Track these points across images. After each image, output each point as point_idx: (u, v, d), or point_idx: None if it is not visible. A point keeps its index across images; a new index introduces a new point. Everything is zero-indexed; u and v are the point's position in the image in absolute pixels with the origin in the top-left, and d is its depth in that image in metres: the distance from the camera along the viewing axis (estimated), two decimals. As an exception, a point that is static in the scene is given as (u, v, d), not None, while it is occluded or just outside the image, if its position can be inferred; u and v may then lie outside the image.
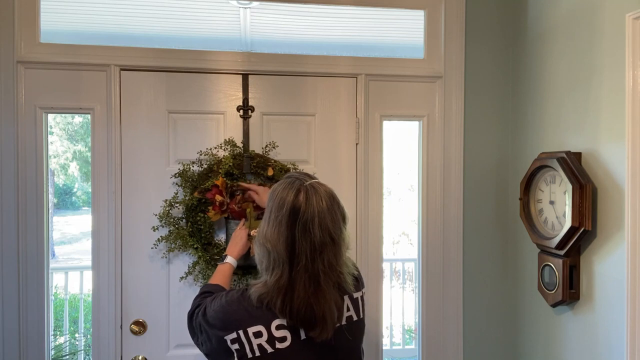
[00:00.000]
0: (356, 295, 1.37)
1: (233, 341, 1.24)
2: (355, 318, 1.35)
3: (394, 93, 2.10)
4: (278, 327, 1.23)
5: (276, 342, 1.23)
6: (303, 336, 1.25)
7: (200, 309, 1.35)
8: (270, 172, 1.89)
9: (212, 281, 1.55)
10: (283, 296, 1.21)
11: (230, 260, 1.62)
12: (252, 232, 1.68)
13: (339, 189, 1.97)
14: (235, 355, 1.24)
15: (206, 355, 1.34)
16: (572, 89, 1.75)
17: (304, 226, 1.21)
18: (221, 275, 1.57)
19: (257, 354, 1.22)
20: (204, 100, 1.98)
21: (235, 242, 1.69)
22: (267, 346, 1.23)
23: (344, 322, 1.31)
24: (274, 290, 1.22)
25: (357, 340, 1.37)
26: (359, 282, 1.39)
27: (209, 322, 1.29)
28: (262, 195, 1.77)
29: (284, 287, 1.21)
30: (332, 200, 1.27)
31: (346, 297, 1.33)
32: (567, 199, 1.64)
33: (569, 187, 1.62)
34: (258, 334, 1.23)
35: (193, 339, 1.38)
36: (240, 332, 1.23)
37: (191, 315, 1.39)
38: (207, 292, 1.43)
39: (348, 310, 1.33)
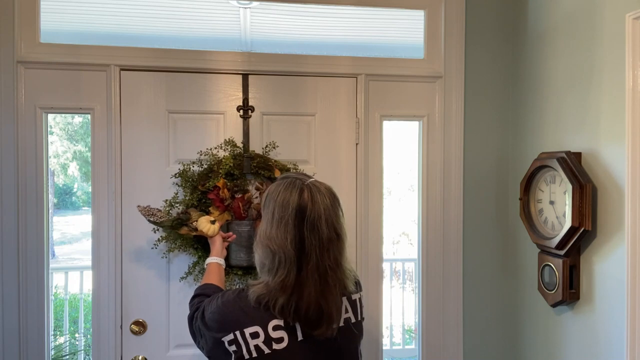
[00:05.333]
0: (354, 297, 1.37)
1: (230, 342, 1.24)
2: (353, 320, 1.35)
3: (394, 93, 2.10)
4: (275, 328, 1.23)
5: (273, 343, 1.23)
6: (300, 337, 1.25)
7: (199, 312, 1.35)
8: (277, 174, 1.88)
9: (204, 281, 1.57)
10: (289, 296, 1.21)
11: (212, 259, 1.64)
12: (198, 230, 1.72)
13: (339, 189, 1.95)
14: (232, 356, 1.24)
15: (208, 357, 1.35)
16: (572, 89, 1.75)
17: (312, 224, 1.22)
18: (211, 274, 1.58)
19: (254, 355, 1.22)
20: (204, 100, 1.98)
21: (213, 245, 1.71)
22: (264, 347, 1.23)
23: (342, 324, 1.31)
24: (277, 291, 1.22)
25: (354, 342, 1.37)
26: (357, 285, 1.40)
27: (207, 324, 1.29)
28: None
29: (290, 287, 1.21)
30: (333, 197, 1.30)
31: (344, 299, 1.33)
32: (567, 199, 1.64)
33: (569, 187, 1.62)
34: (255, 335, 1.23)
35: (195, 342, 1.39)
36: (237, 332, 1.23)
37: (191, 319, 1.40)
38: (202, 295, 1.44)
39: (346, 311, 1.33)
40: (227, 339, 1.24)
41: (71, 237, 12.16)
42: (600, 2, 1.61)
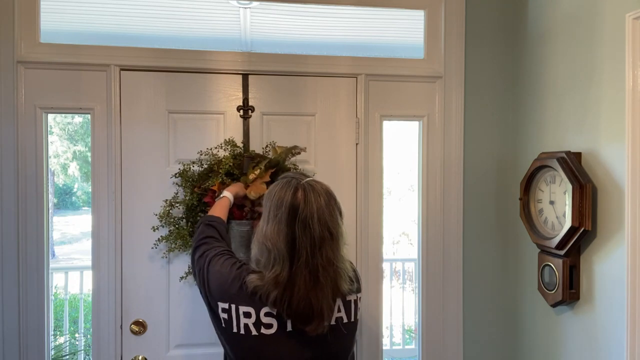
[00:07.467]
0: (349, 297, 1.37)
1: (224, 310, 1.29)
2: (345, 320, 1.36)
3: (394, 93, 2.10)
4: (267, 315, 1.28)
5: (262, 327, 1.28)
6: (289, 328, 1.29)
7: (209, 254, 1.38)
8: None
9: (212, 212, 1.60)
10: (282, 291, 1.25)
11: (227, 194, 1.68)
12: (250, 192, 1.73)
13: (339, 189, 1.95)
14: (222, 322, 1.30)
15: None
16: (572, 89, 1.75)
17: (304, 223, 1.25)
18: (220, 207, 1.63)
19: (242, 332, 1.28)
20: (204, 100, 1.98)
21: (236, 184, 1.76)
22: (252, 328, 1.28)
23: (332, 322, 1.33)
24: (270, 285, 1.26)
25: (344, 342, 1.38)
26: (353, 284, 1.39)
27: (209, 284, 1.34)
28: None
29: (283, 283, 1.25)
30: (329, 196, 1.32)
31: (338, 299, 1.34)
32: (567, 199, 1.64)
33: (569, 187, 1.62)
34: (247, 315, 1.28)
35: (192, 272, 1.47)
36: (233, 305, 1.29)
37: (194, 251, 1.44)
38: (211, 225, 1.51)
39: (339, 311, 1.35)
40: (221, 306, 1.29)
41: (71, 237, 12.17)
42: (600, 2, 1.61)
